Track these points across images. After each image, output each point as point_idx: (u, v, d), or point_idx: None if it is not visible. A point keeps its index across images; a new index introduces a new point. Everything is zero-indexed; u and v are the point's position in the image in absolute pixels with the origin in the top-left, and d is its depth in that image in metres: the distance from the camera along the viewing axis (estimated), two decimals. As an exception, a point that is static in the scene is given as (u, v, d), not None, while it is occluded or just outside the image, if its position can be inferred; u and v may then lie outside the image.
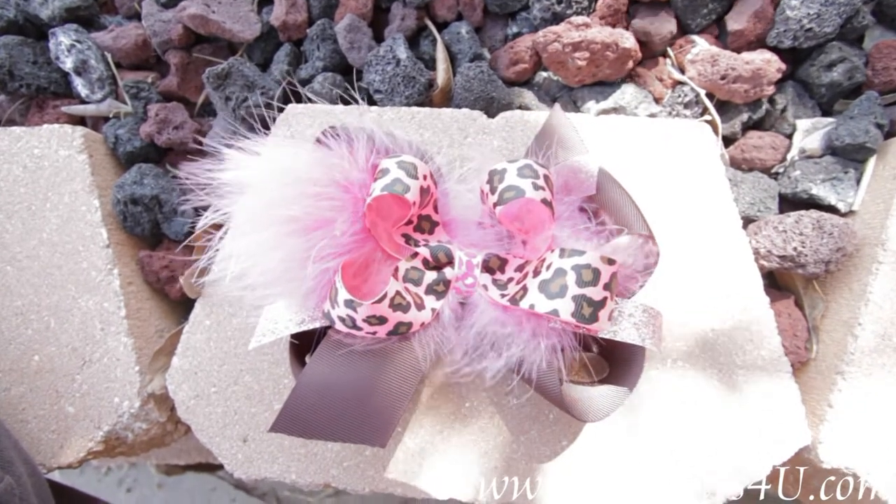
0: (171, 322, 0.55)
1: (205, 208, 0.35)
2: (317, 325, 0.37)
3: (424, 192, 0.38)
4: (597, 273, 0.33)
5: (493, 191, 0.37)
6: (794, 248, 0.47)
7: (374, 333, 0.36)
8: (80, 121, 0.58)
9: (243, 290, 0.37)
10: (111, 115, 0.56)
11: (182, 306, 0.56)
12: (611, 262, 0.33)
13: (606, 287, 0.33)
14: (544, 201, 0.36)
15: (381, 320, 0.34)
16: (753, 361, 0.45)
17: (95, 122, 0.57)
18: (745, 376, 0.44)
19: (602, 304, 0.33)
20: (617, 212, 0.37)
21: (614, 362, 0.41)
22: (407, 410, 0.44)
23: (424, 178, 0.38)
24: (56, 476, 0.83)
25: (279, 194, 0.33)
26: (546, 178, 0.37)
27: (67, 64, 0.53)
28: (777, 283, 0.53)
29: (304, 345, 0.40)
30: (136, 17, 0.57)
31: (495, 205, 0.37)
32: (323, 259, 0.34)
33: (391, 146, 0.39)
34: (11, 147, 0.52)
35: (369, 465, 0.45)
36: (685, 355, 0.45)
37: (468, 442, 0.44)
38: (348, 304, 0.33)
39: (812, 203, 0.50)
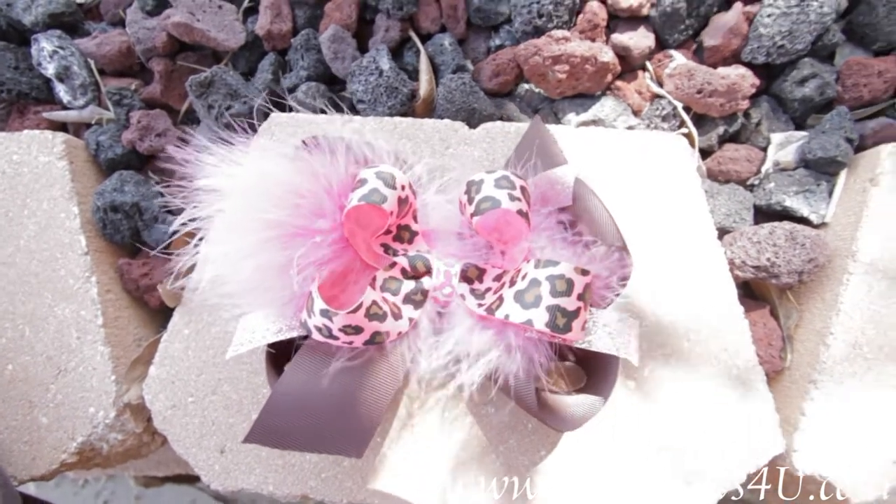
0: (150, 331, 0.54)
1: (184, 213, 0.35)
2: (294, 334, 0.37)
3: (402, 202, 0.38)
4: (570, 283, 0.33)
5: (470, 201, 0.38)
6: (768, 259, 0.48)
7: (351, 343, 0.36)
8: (61, 127, 0.57)
9: (220, 298, 0.37)
10: (93, 122, 0.56)
11: (162, 315, 0.56)
12: (584, 272, 0.34)
13: (580, 297, 0.34)
14: (520, 212, 0.36)
15: (357, 330, 0.34)
16: (728, 371, 0.45)
17: (77, 129, 0.57)
18: (719, 385, 0.45)
19: (576, 314, 0.34)
20: (592, 222, 0.38)
21: (590, 371, 0.42)
22: (385, 420, 0.44)
23: (402, 188, 0.38)
24: (31, 489, 0.81)
25: (259, 200, 0.34)
26: (523, 188, 0.38)
27: (49, 70, 0.53)
28: (753, 292, 0.54)
29: (282, 354, 0.40)
30: (120, 24, 0.57)
31: (472, 215, 0.37)
32: (303, 268, 0.34)
33: (370, 155, 0.40)
34: (-10, 153, 0.52)
35: (347, 476, 0.44)
36: (661, 365, 0.46)
37: (448, 452, 0.44)
38: (324, 313, 0.33)
39: (785, 215, 0.51)
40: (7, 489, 0.41)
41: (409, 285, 0.39)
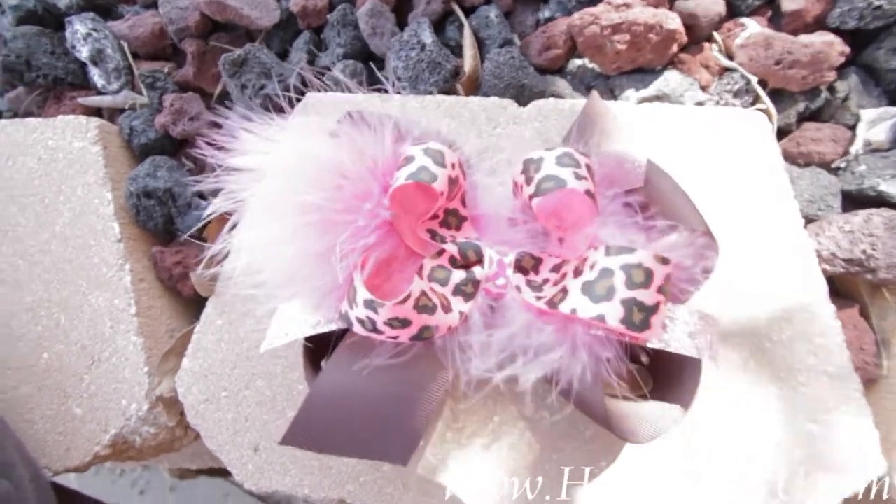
0: (183, 321, 0.52)
1: (217, 194, 0.32)
2: (333, 327, 0.34)
3: (453, 182, 0.34)
4: (649, 273, 0.29)
5: (528, 181, 0.34)
6: (863, 251, 0.42)
7: (396, 338, 0.32)
8: (96, 112, 0.56)
9: (255, 289, 0.34)
10: (127, 107, 0.54)
11: (195, 304, 0.54)
12: (665, 261, 0.29)
13: (660, 290, 0.29)
14: (588, 192, 0.32)
15: (405, 323, 0.31)
16: (818, 378, 0.40)
17: (112, 114, 0.56)
18: (809, 394, 0.39)
19: (655, 309, 0.29)
20: (669, 206, 0.33)
21: (663, 376, 0.37)
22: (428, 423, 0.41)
23: (453, 166, 0.34)
24: (70, 478, 0.82)
25: (298, 182, 0.30)
26: (588, 167, 0.34)
27: (83, 53, 0.52)
28: (838, 289, 0.48)
29: (319, 348, 0.37)
30: (153, 6, 0.56)
31: (532, 196, 0.33)
32: (346, 255, 0.31)
33: (416, 133, 0.36)
34: (27, 138, 0.51)
35: (388, 481, 0.41)
36: (740, 369, 0.40)
37: (496, 460, 0.40)
38: (368, 304, 0.30)
39: (880, 201, 0.45)
40: (38, 482, 0.39)
41: (458, 275, 0.35)
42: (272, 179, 0.31)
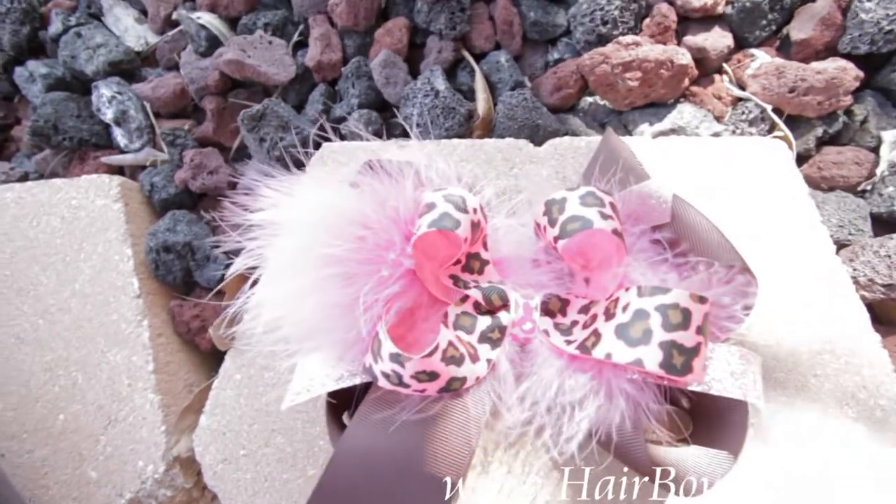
0: (201, 376, 0.51)
1: (238, 252, 0.32)
2: (357, 381, 0.33)
3: (475, 226, 0.34)
4: (686, 314, 0.28)
5: (552, 223, 0.33)
6: (904, 277, 0.40)
7: (423, 391, 0.31)
8: (118, 170, 0.58)
9: (276, 345, 0.33)
10: (148, 164, 0.56)
11: (213, 358, 0.53)
12: (702, 300, 0.28)
13: (699, 330, 0.28)
14: (615, 232, 0.31)
15: (432, 376, 0.30)
16: (870, 413, 0.37)
17: (133, 172, 0.57)
18: (863, 432, 0.37)
19: (696, 351, 0.28)
20: (700, 241, 0.32)
21: (705, 419, 0.35)
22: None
23: (475, 211, 0.34)
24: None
25: (319, 234, 0.30)
26: (612, 206, 0.33)
27: (108, 115, 0.54)
28: (879, 317, 0.46)
29: (342, 403, 0.36)
30: (175, 68, 0.58)
31: (556, 238, 0.33)
32: (369, 307, 0.30)
33: (436, 179, 0.36)
34: (51, 199, 0.52)
35: (417, 543, 0.39)
36: (784, 407, 0.38)
37: (532, 516, 0.37)
38: (394, 358, 0.29)
39: (914, 223, 0.44)
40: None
41: (484, 321, 0.34)
42: (292, 233, 0.31)
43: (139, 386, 0.46)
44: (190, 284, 0.53)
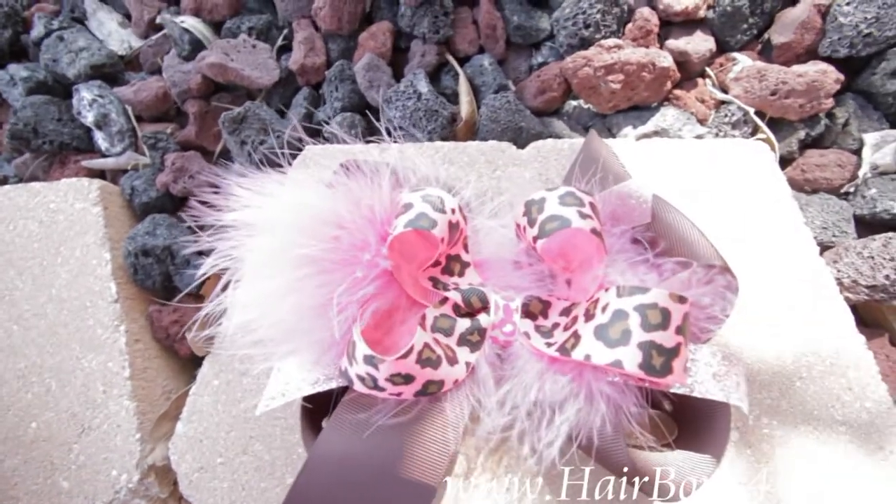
0: (180, 382, 0.50)
1: (211, 253, 0.31)
2: (333, 385, 0.32)
3: (453, 227, 0.33)
4: (666, 314, 0.27)
5: (531, 223, 0.33)
6: (886, 276, 0.40)
7: (399, 395, 0.30)
8: (100, 175, 0.57)
9: (252, 347, 0.33)
10: (129, 168, 0.55)
11: (192, 365, 0.52)
12: (682, 299, 0.28)
13: (679, 331, 0.27)
14: (594, 231, 0.31)
15: (408, 379, 0.29)
16: (857, 415, 0.37)
17: (115, 176, 0.57)
18: (849, 434, 0.36)
19: (675, 351, 0.27)
20: (680, 241, 0.32)
21: (688, 423, 0.34)
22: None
23: (453, 212, 0.33)
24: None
25: (294, 234, 0.30)
26: (592, 206, 0.33)
27: (89, 118, 0.53)
28: (863, 319, 0.46)
29: (319, 409, 0.35)
30: (158, 72, 0.58)
31: (536, 238, 0.32)
32: (343, 308, 0.30)
33: (414, 180, 0.36)
34: (29, 202, 0.51)
35: (397, 553, 0.37)
36: (770, 410, 0.38)
37: (514, 524, 0.37)
38: (368, 360, 0.28)
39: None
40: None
41: (463, 324, 0.34)
42: (267, 233, 0.30)
43: (114, 392, 0.45)
44: (170, 290, 0.52)
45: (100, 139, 0.55)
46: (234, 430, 0.42)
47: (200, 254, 0.47)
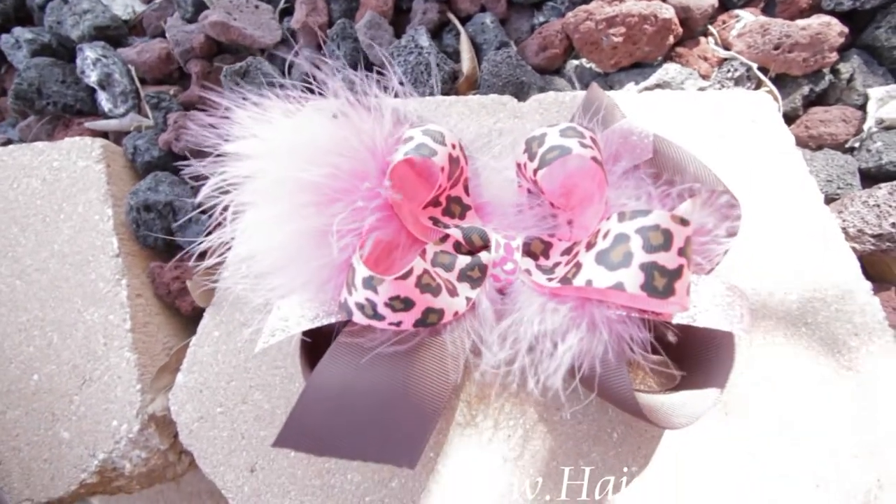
0: (180, 339, 0.50)
1: (209, 182, 0.31)
2: (333, 319, 0.32)
3: (454, 162, 0.33)
4: (668, 235, 0.27)
5: (532, 157, 0.33)
6: (893, 224, 0.39)
7: (399, 324, 0.30)
8: (103, 136, 0.57)
9: (253, 280, 0.33)
10: (132, 129, 0.55)
11: (194, 323, 0.52)
12: (684, 221, 0.27)
13: (681, 252, 0.27)
14: (594, 160, 0.30)
15: (407, 304, 0.29)
16: (864, 360, 0.36)
17: (118, 137, 0.57)
18: (855, 381, 0.36)
19: (678, 273, 0.27)
20: (684, 172, 0.31)
21: (692, 360, 0.34)
22: (439, 431, 0.37)
23: (453, 146, 0.33)
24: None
25: (293, 160, 0.29)
26: (593, 139, 0.32)
27: (92, 78, 0.53)
28: (868, 272, 0.45)
29: (319, 347, 0.35)
30: (161, 35, 0.58)
31: (536, 171, 0.32)
32: (343, 235, 0.30)
33: (416, 120, 0.36)
34: (33, 161, 0.52)
35: (396, 499, 0.37)
36: (775, 355, 0.37)
37: (514, 470, 0.36)
38: (367, 283, 0.28)
39: (903, 177, 0.43)
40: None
41: (464, 260, 0.34)
42: (268, 160, 0.30)
43: (115, 345, 0.45)
44: (173, 248, 0.52)
45: (103, 100, 0.55)
46: (234, 381, 0.42)
47: (203, 212, 0.46)
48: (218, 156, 0.31)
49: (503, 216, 0.37)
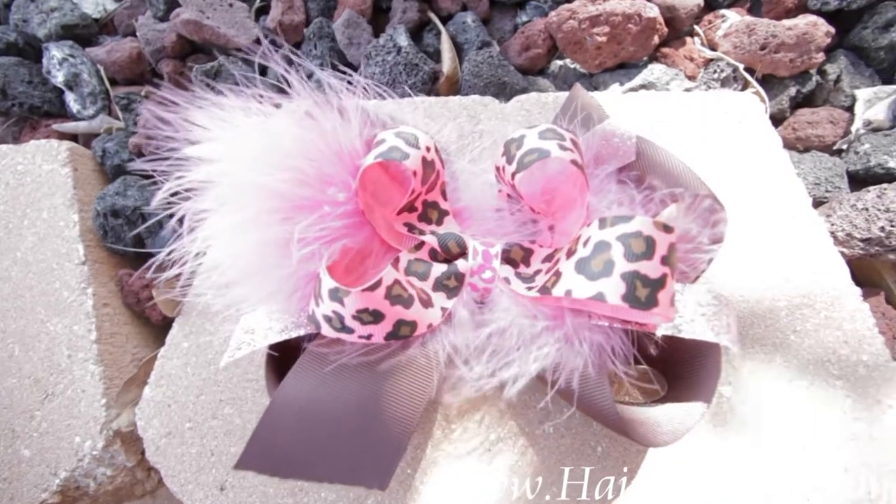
0: (151, 350, 0.48)
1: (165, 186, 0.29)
2: (301, 332, 0.30)
3: (428, 165, 0.32)
4: (650, 242, 0.26)
5: (510, 160, 0.31)
6: (882, 228, 0.39)
7: (369, 337, 0.28)
8: (72, 138, 0.55)
9: (214, 289, 0.31)
10: (102, 131, 0.53)
11: (165, 332, 0.50)
12: (667, 228, 0.26)
13: (665, 261, 0.26)
14: (574, 163, 0.29)
15: (376, 316, 0.27)
16: (853, 369, 0.35)
17: (87, 140, 0.55)
18: (846, 389, 0.35)
19: (661, 282, 0.26)
20: (667, 175, 0.30)
21: (677, 372, 0.32)
22: (416, 444, 0.36)
23: (427, 149, 0.32)
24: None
25: (256, 164, 0.28)
26: (573, 142, 0.31)
27: (59, 78, 0.51)
28: (858, 277, 0.44)
29: (287, 360, 0.33)
30: (133, 34, 0.56)
31: (514, 174, 0.31)
32: (309, 243, 0.28)
33: (389, 123, 0.34)
34: (-5, 165, 0.49)
35: (372, 517, 0.36)
36: (762, 365, 0.36)
37: (495, 486, 0.35)
38: (333, 294, 0.26)
39: (890, 178, 0.42)
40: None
41: (439, 268, 0.32)
42: (229, 164, 0.28)
43: (79, 357, 0.43)
44: (143, 257, 0.50)
45: (71, 101, 0.53)
46: (203, 394, 0.40)
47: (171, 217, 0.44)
48: (176, 159, 0.29)
49: (482, 221, 0.35)
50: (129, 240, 0.47)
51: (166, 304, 0.42)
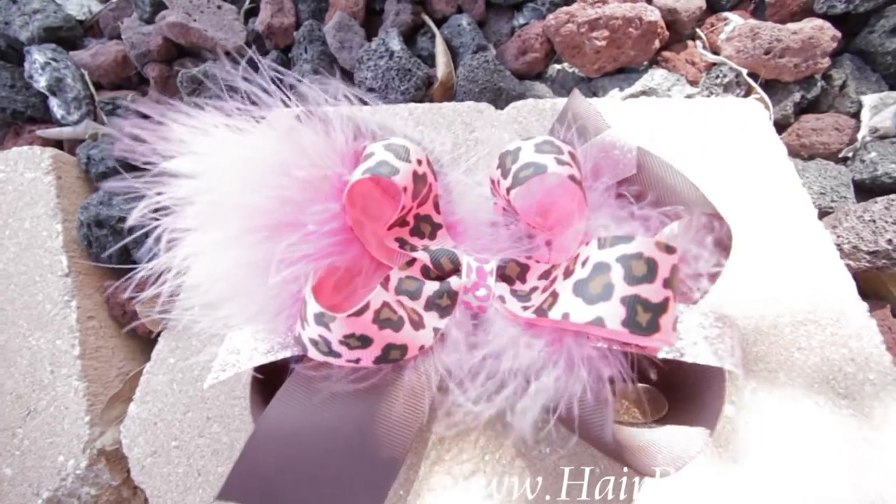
0: (138, 364, 0.47)
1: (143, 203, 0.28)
2: (288, 353, 0.29)
3: (419, 179, 0.30)
4: (652, 265, 0.24)
5: (505, 175, 0.30)
6: (889, 241, 0.37)
7: (357, 361, 0.27)
8: (56, 145, 0.53)
9: (200, 312, 0.29)
10: (87, 137, 0.52)
11: (153, 346, 0.48)
12: (669, 249, 0.25)
13: (667, 284, 0.25)
14: (572, 178, 0.28)
15: (364, 341, 0.26)
16: (860, 387, 0.34)
17: (72, 146, 0.53)
18: (852, 408, 0.34)
19: (663, 307, 0.24)
20: (669, 191, 0.29)
21: (679, 395, 0.31)
22: (409, 467, 0.35)
23: (419, 163, 0.30)
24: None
25: (237, 182, 0.26)
26: (571, 154, 0.30)
27: (41, 83, 0.50)
28: (864, 289, 0.43)
29: (272, 384, 0.32)
30: (119, 37, 0.54)
31: (510, 189, 0.29)
32: (293, 263, 0.27)
33: (379, 133, 0.33)
34: (-24, 173, 0.48)
35: (363, 541, 0.34)
36: (765, 383, 0.35)
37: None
38: (319, 319, 0.25)
39: (899, 189, 0.41)
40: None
41: (431, 287, 0.31)
42: (209, 180, 0.27)
43: (63, 372, 0.41)
44: (129, 266, 0.48)
45: (55, 106, 0.51)
46: (190, 411, 0.39)
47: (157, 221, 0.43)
48: (154, 175, 0.28)
49: (477, 235, 0.34)
50: (115, 251, 0.46)
51: (150, 320, 0.41)
